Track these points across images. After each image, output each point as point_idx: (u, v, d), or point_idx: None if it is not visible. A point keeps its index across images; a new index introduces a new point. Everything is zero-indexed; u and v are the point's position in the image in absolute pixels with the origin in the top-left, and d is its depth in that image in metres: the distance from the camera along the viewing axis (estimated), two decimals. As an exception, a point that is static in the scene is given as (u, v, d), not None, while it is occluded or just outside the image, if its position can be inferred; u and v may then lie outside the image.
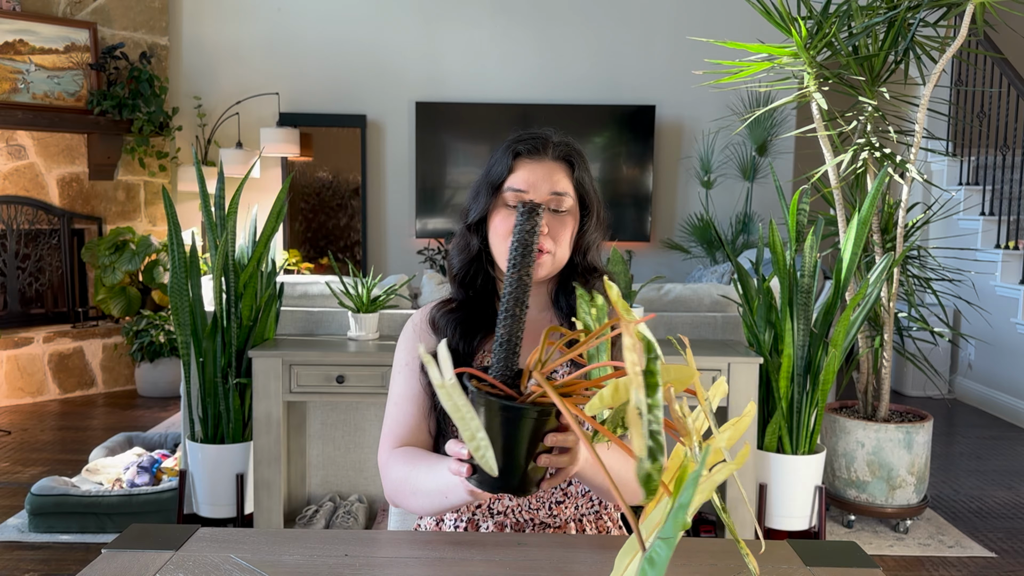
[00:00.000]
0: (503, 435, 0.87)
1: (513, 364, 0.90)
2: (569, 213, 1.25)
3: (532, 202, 0.89)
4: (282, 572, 0.92)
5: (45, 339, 4.72)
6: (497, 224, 1.24)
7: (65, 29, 4.91)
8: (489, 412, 0.87)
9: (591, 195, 1.27)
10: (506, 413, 0.87)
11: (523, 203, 0.89)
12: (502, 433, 0.87)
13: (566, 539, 1.08)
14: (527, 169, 1.25)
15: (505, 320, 0.89)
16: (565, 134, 1.31)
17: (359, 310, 2.67)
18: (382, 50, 5.63)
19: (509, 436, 0.87)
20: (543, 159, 1.25)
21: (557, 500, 1.25)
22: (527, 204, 0.89)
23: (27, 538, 2.79)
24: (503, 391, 0.88)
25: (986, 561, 2.77)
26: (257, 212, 2.92)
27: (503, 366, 0.90)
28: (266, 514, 2.57)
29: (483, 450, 0.74)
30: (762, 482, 2.68)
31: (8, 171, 4.74)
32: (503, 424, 0.87)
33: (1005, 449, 4.12)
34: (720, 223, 5.66)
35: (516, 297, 0.89)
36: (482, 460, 0.74)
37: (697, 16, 5.61)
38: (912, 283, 3.28)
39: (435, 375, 0.73)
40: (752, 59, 2.94)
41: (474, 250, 1.29)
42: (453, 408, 0.74)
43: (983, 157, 5.18)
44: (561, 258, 1.24)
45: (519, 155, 1.26)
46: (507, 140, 1.28)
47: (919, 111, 2.93)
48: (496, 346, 0.89)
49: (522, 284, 0.89)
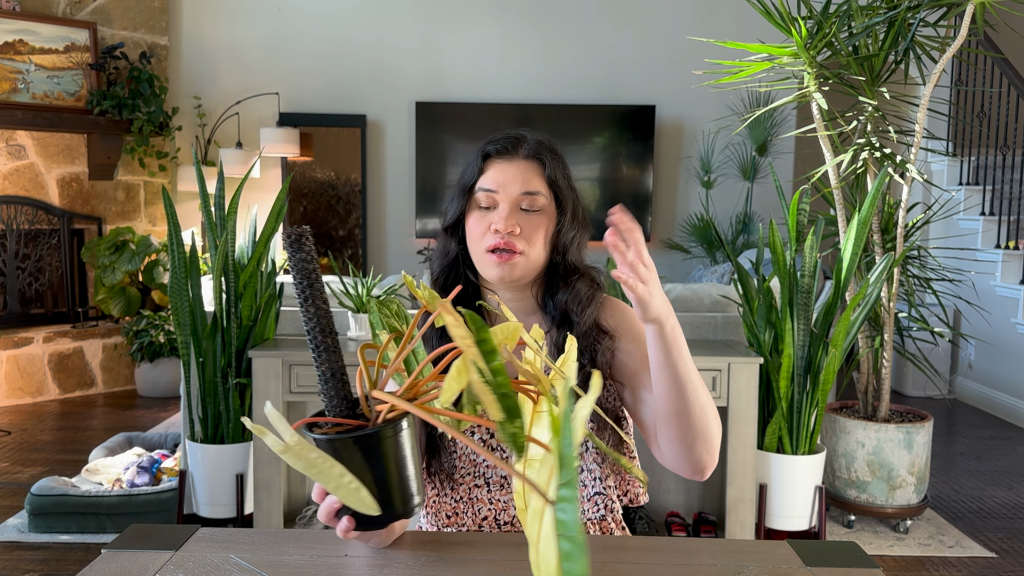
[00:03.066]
0: (370, 467, 0.81)
1: (347, 395, 0.84)
2: (543, 212, 1.23)
3: (298, 228, 0.80)
4: (282, 572, 0.92)
5: (45, 339, 4.72)
6: (471, 227, 1.24)
7: (65, 29, 4.90)
8: (346, 451, 0.80)
9: (565, 193, 1.25)
10: (362, 444, 0.80)
11: (288, 233, 0.79)
12: (368, 466, 0.81)
13: (566, 539, 1.07)
14: (497, 169, 1.24)
15: (320, 355, 0.82)
16: (541, 133, 1.29)
17: (359, 310, 2.67)
18: (382, 50, 5.63)
19: (377, 466, 0.81)
20: (514, 158, 1.24)
21: None
22: (292, 233, 0.80)
23: (27, 538, 2.79)
24: (349, 424, 0.82)
25: (986, 561, 2.77)
26: (257, 212, 2.92)
27: (337, 401, 0.83)
28: (266, 514, 2.57)
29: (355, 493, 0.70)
30: (762, 482, 2.68)
31: (8, 171, 4.74)
32: (365, 456, 0.80)
33: (1005, 449, 4.12)
34: (720, 223, 5.66)
35: (322, 328, 0.81)
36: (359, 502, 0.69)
37: (697, 16, 5.61)
38: (912, 283, 3.28)
39: (274, 442, 0.69)
40: (752, 59, 2.94)
41: (452, 254, 1.28)
42: (307, 466, 0.70)
43: (983, 157, 5.18)
44: (535, 258, 1.22)
45: (489, 156, 1.26)
46: (481, 144, 1.28)
47: (919, 111, 2.93)
48: (322, 384, 0.83)
49: (321, 313, 0.81)
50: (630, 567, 0.96)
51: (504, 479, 1.23)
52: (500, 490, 1.22)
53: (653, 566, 0.96)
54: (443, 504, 1.25)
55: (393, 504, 0.83)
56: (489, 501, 1.23)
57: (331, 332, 0.82)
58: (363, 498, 0.69)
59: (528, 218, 1.22)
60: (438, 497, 1.26)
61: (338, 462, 0.71)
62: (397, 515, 0.84)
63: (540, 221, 1.23)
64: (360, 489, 0.69)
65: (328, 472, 0.69)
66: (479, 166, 1.25)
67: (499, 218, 1.20)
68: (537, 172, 1.24)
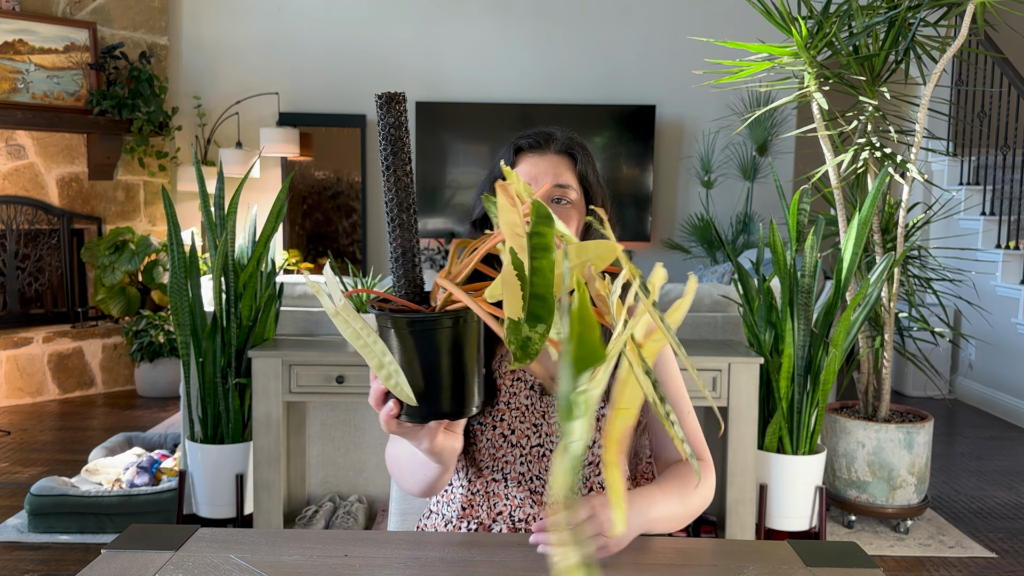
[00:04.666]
0: (420, 355, 0.77)
1: (416, 278, 0.80)
2: (574, 206, 1.23)
3: (392, 91, 0.77)
4: (282, 572, 0.91)
5: (44, 339, 4.72)
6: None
7: (65, 29, 4.90)
8: (399, 333, 0.76)
9: (595, 188, 1.26)
10: (417, 327, 0.76)
11: (379, 94, 0.77)
12: (419, 353, 0.77)
13: (566, 539, 1.07)
14: (529, 163, 1.24)
15: (394, 231, 0.78)
16: (571, 131, 1.30)
17: (359, 310, 2.66)
18: (382, 50, 5.63)
19: (427, 354, 0.77)
20: (545, 152, 1.25)
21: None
22: (385, 95, 0.76)
23: (26, 538, 2.79)
24: (411, 308, 0.79)
25: (987, 561, 2.77)
26: (257, 212, 2.92)
27: (404, 281, 0.79)
28: (266, 514, 2.57)
29: (394, 377, 0.66)
30: (762, 482, 2.68)
31: (8, 171, 4.73)
32: (417, 342, 0.76)
33: (1006, 449, 4.11)
34: (720, 223, 5.65)
35: (399, 202, 0.77)
36: (395, 388, 0.65)
37: (697, 16, 5.61)
38: (913, 283, 3.27)
39: (327, 303, 0.66)
40: (752, 59, 2.94)
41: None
42: (353, 335, 0.66)
43: (984, 157, 5.17)
44: None
45: (521, 150, 1.27)
46: (512, 138, 1.29)
47: (920, 111, 2.92)
48: (391, 262, 0.79)
49: (401, 185, 0.77)
50: (630, 567, 0.95)
51: (522, 475, 1.21)
52: (517, 486, 1.21)
53: (653, 566, 0.95)
54: (458, 495, 1.24)
55: (440, 400, 0.79)
56: (506, 496, 1.21)
57: (409, 208, 0.78)
58: (400, 384, 0.66)
59: (559, 211, 1.21)
60: (453, 487, 1.25)
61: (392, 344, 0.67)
62: (443, 412, 0.80)
63: (571, 215, 1.23)
64: (399, 373, 0.66)
65: (372, 347, 0.66)
66: (511, 159, 1.26)
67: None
68: (568, 167, 1.25)
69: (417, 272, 0.80)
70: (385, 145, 0.77)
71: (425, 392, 0.77)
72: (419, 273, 0.80)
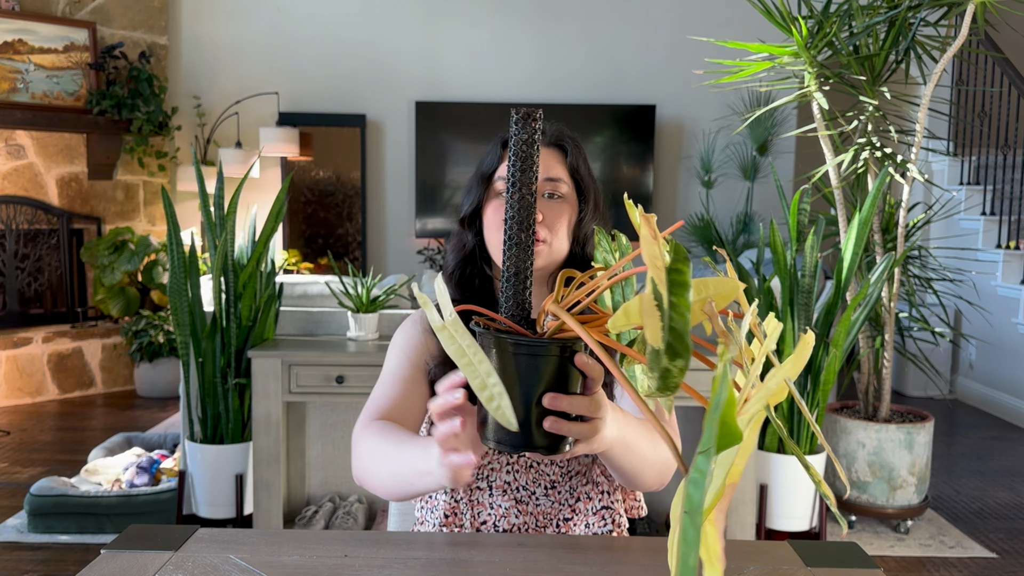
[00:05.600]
0: (521, 380, 0.73)
1: (524, 301, 0.76)
2: (565, 201, 1.19)
3: (528, 108, 0.75)
4: (281, 573, 0.91)
5: (44, 339, 4.72)
6: (490, 216, 1.19)
7: (64, 29, 4.90)
8: (501, 353, 0.73)
9: (587, 182, 1.21)
10: (522, 351, 0.73)
11: (516, 109, 0.75)
12: (519, 378, 0.73)
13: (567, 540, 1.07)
14: None
15: (510, 250, 0.75)
16: (560, 123, 1.25)
17: (359, 310, 2.66)
18: (382, 50, 5.63)
19: (529, 381, 0.73)
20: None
21: (565, 517, 1.18)
22: (522, 110, 0.75)
23: (26, 538, 2.78)
24: (515, 330, 0.75)
25: (987, 562, 2.77)
26: (256, 212, 2.92)
27: (513, 304, 0.76)
28: (265, 515, 2.57)
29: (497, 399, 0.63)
30: (763, 482, 2.67)
31: (7, 171, 4.73)
32: (519, 366, 0.73)
33: (1006, 449, 4.11)
34: (721, 223, 5.65)
35: (520, 220, 0.75)
36: (497, 411, 0.62)
37: (697, 16, 5.61)
38: (913, 283, 3.27)
39: (434, 317, 0.65)
40: (753, 58, 2.93)
41: (469, 247, 1.23)
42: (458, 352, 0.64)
43: (984, 157, 5.17)
44: (559, 248, 1.18)
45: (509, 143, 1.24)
46: (500, 133, 1.24)
47: (920, 111, 2.92)
48: (503, 282, 0.76)
49: (525, 204, 0.75)
50: (631, 567, 0.95)
51: (508, 484, 1.18)
52: (503, 495, 1.18)
53: (654, 566, 0.95)
54: (441, 501, 1.20)
55: (533, 432, 0.74)
56: (490, 505, 1.18)
57: (529, 228, 0.75)
58: (502, 407, 0.63)
59: (550, 206, 1.18)
60: (436, 494, 1.21)
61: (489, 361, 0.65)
62: (535, 445, 0.75)
63: (563, 209, 1.18)
64: (503, 395, 0.63)
65: (477, 367, 0.63)
66: (499, 154, 1.21)
67: None
68: (559, 160, 1.21)
69: (527, 295, 0.76)
70: (515, 161, 0.75)
71: (522, 420, 0.73)
72: (528, 296, 0.77)
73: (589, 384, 0.78)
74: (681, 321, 0.54)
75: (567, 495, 1.19)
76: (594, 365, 0.77)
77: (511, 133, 0.75)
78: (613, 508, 1.20)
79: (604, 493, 1.19)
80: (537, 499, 1.18)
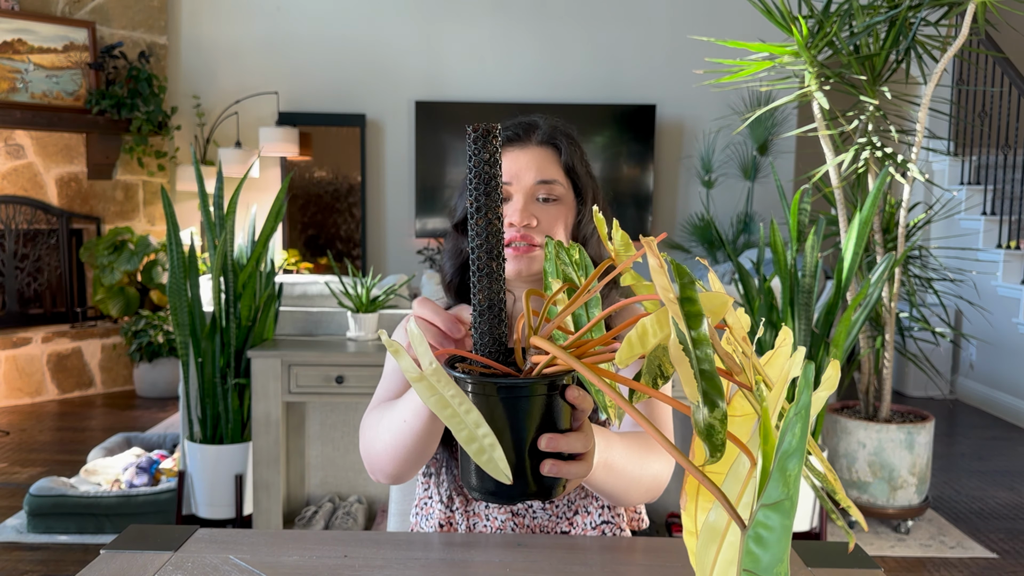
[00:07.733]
0: (512, 426, 0.68)
1: (500, 336, 0.70)
2: (561, 202, 1.14)
3: (487, 124, 0.68)
4: (281, 573, 0.91)
5: (43, 339, 4.72)
6: None
7: (64, 28, 4.90)
8: (486, 400, 0.67)
9: (584, 180, 1.16)
10: (507, 395, 0.67)
11: (473, 126, 0.68)
12: (509, 423, 0.68)
13: (568, 540, 1.07)
14: (509, 158, 1.13)
15: (480, 281, 0.69)
16: (555, 118, 1.19)
17: (358, 310, 2.66)
18: (382, 50, 5.63)
19: (519, 425, 0.68)
20: (527, 146, 1.15)
21: (562, 530, 1.16)
22: (480, 127, 0.68)
23: (25, 539, 2.78)
24: (498, 370, 0.70)
25: (987, 562, 2.77)
26: (256, 212, 2.92)
27: (490, 339, 0.70)
28: (265, 515, 2.56)
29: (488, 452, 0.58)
30: (763, 482, 2.67)
31: (6, 171, 4.73)
32: (507, 413, 0.67)
33: (1007, 449, 4.11)
34: (721, 223, 5.65)
35: (488, 248, 0.68)
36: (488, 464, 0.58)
37: (697, 15, 5.61)
38: (913, 283, 3.27)
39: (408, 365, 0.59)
40: (753, 58, 2.93)
41: (465, 253, 1.18)
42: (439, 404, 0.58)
43: (984, 157, 5.17)
44: None
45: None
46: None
47: (920, 110, 2.92)
48: (475, 316, 0.70)
49: (492, 230, 0.68)
50: (631, 568, 0.95)
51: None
52: (498, 507, 1.16)
53: (654, 566, 0.95)
54: (436, 511, 1.18)
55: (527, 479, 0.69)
56: (486, 517, 1.16)
57: (499, 256, 0.69)
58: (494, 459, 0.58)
59: (546, 209, 1.13)
60: (432, 502, 1.19)
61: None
62: (530, 492, 0.70)
63: (559, 211, 1.14)
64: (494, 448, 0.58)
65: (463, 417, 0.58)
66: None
67: (514, 210, 1.11)
68: (553, 159, 1.15)
69: (503, 329, 0.70)
70: (477, 184, 0.68)
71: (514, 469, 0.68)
72: (504, 330, 0.71)
73: (578, 416, 0.74)
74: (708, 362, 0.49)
75: (564, 508, 1.16)
76: (586, 396, 0.73)
77: (469, 153, 0.68)
78: (614, 523, 1.17)
79: (605, 507, 1.16)
80: (534, 511, 1.16)
